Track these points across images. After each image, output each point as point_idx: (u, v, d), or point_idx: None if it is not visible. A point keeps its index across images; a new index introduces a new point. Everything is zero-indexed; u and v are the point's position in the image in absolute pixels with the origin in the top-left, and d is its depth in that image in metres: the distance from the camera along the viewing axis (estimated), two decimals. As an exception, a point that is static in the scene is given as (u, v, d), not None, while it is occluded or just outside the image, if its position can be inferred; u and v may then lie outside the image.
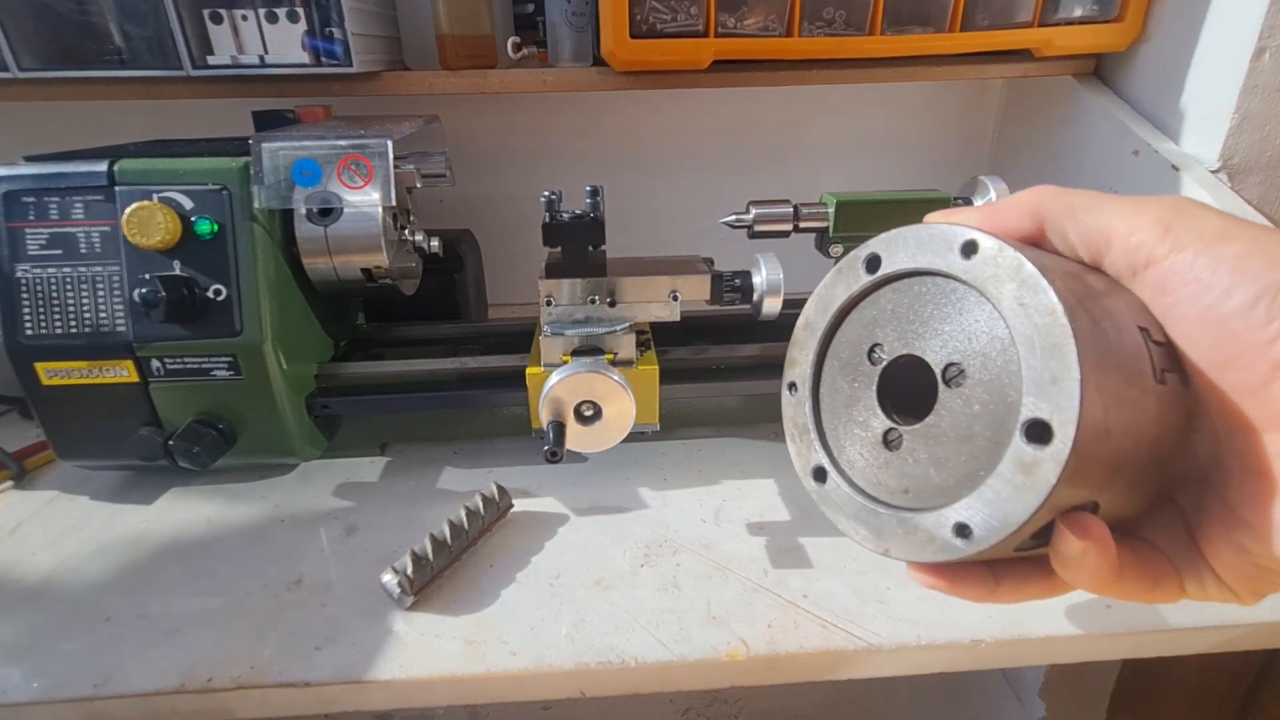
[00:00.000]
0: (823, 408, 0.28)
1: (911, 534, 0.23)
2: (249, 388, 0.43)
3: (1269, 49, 0.48)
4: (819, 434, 0.27)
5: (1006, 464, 0.21)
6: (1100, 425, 0.20)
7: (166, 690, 0.33)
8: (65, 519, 0.45)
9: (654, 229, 0.78)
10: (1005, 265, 0.21)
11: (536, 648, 0.34)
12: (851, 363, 0.27)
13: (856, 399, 0.26)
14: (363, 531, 0.43)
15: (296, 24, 0.52)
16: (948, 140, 0.77)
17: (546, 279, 0.45)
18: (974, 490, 0.21)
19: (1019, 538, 0.21)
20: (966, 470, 0.22)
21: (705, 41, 0.55)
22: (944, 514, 0.22)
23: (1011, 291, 0.21)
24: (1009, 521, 0.20)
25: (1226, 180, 0.51)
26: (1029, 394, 0.20)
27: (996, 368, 0.22)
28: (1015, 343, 0.21)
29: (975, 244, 0.22)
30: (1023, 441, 0.20)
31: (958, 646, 0.34)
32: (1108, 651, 0.36)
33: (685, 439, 0.52)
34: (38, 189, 0.41)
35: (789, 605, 0.37)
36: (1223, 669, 0.73)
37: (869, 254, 0.26)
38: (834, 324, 0.28)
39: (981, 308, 0.22)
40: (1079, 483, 0.20)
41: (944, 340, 0.23)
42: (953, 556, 0.22)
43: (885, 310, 0.26)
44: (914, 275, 0.25)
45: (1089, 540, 0.21)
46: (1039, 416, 0.20)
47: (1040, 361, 0.20)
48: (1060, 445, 0.19)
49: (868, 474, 0.25)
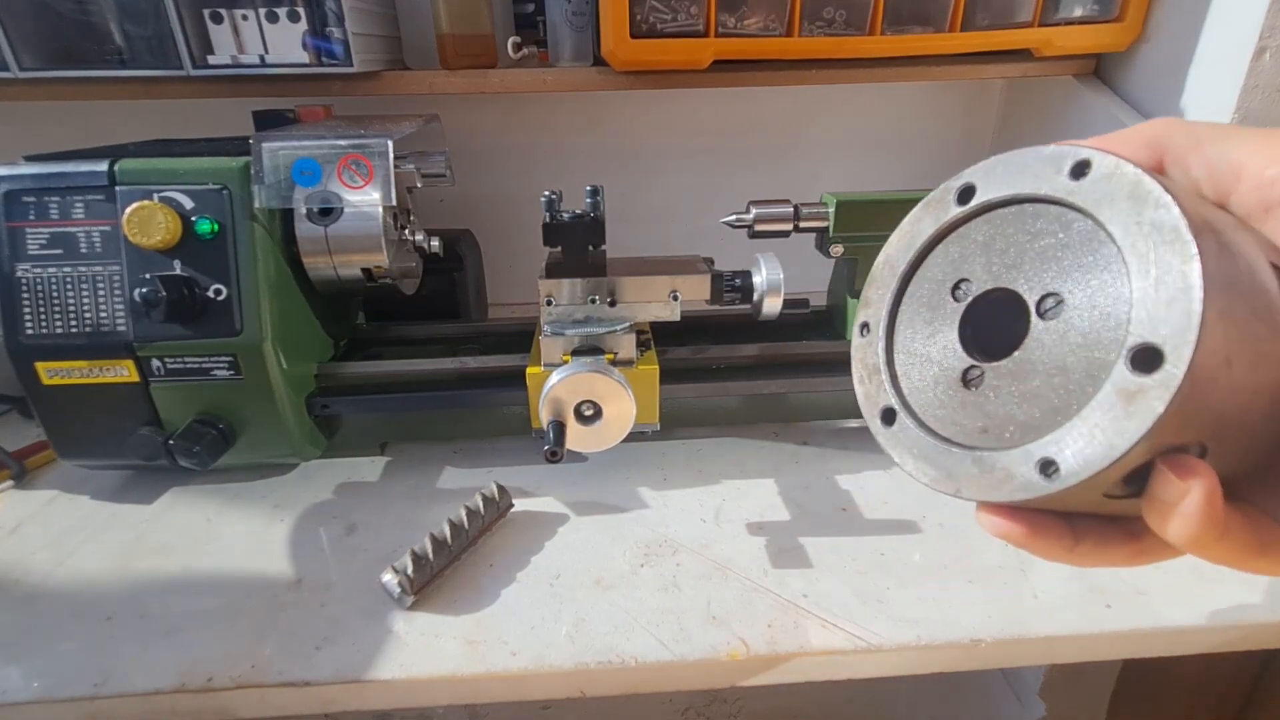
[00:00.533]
0: (896, 348, 0.26)
1: (988, 472, 0.21)
2: (249, 387, 0.43)
3: (1269, 49, 0.48)
4: (890, 375, 0.26)
5: (1105, 393, 0.19)
6: (1220, 354, 0.18)
7: (166, 690, 0.33)
8: (65, 518, 0.45)
9: (654, 229, 0.78)
10: (1123, 182, 0.19)
11: (536, 647, 0.34)
12: (933, 300, 0.25)
13: (934, 338, 0.25)
14: (363, 531, 0.43)
15: (297, 24, 0.52)
16: (948, 140, 0.77)
17: (546, 279, 0.45)
18: (1064, 424, 0.20)
19: (1110, 477, 0.19)
20: (1056, 405, 0.20)
21: (705, 41, 0.55)
22: (1028, 449, 0.20)
23: (1127, 209, 0.19)
24: (1104, 455, 0.18)
25: (1227, 180, 0.51)
26: (1138, 315, 0.18)
27: (1101, 296, 0.20)
28: (1127, 265, 0.19)
29: (1088, 162, 0.20)
30: (1127, 369, 0.18)
31: (958, 646, 0.34)
32: (1108, 651, 0.36)
33: (685, 439, 0.52)
34: (38, 189, 0.41)
35: (789, 605, 0.37)
36: (1223, 669, 0.73)
37: (963, 184, 0.25)
38: (916, 260, 0.26)
39: (1088, 232, 0.21)
40: (1188, 418, 0.18)
41: (1040, 271, 0.22)
42: (1033, 494, 0.20)
43: (976, 243, 0.24)
44: (1013, 203, 0.23)
45: (1192, 480, 0.18)
46: (1149, 341, 0.18)
47: (1156, 280, 0.18)
48: (1172, 370, 0.17)
49: (941, 415, 0.24)
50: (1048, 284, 0.21)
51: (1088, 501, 0.21)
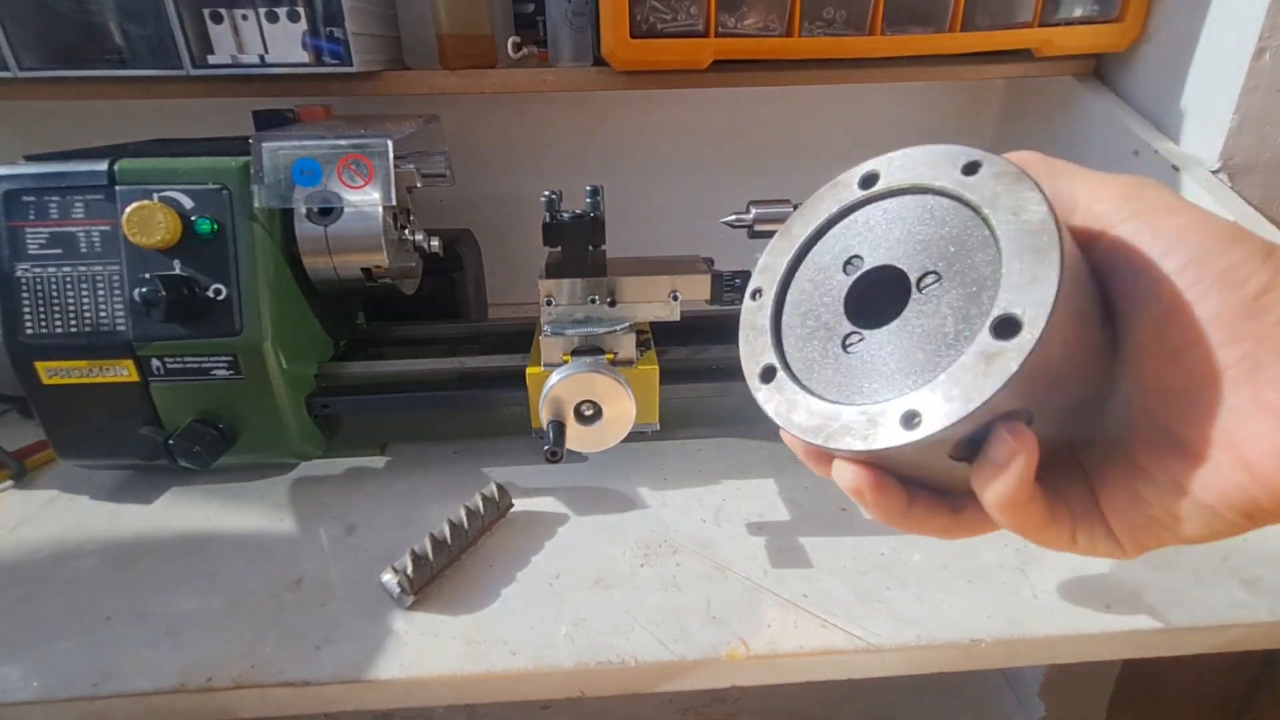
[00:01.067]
0: (785, 314, 0.28)
1: (857, 424, 0.23)
2: (249, 387, 0.43)
3: (1269, 49, 0.48)
4: (775, 337, 0.28)
5: (970, 354, 0.21)
6: (1060, 334, 0.21)
7: (166, 689, 0.33)
8: (65, 518, 0.45)
9: (654, 229, 0.78)
10: (1008, 181, 0.23)
11: (536, 647, 0.34)
12: (825, 272, 0.28)
13: (822, 307, 0.27)
14: (363, 531, 0.43)
15: (297, 23, 0.52)
16: (948, 140, 0.76)
17: (546, 279, 0.45)
18: (931, 381, 0.22)
19: (961, 430, 0.21)
20: (925, 366, 0.23)
21: (705, 41, 0.55)
22: (895, 403, 0.23)
23: (1007, 203, 0.22)
24: (961, 408, 0.21)
25: (1227, 180, 0.51)
26: (1005, 293, 0.21)
27: (974, 274, 0.23)
28: (1000, 250, 0.22)
29: (980, 162, 0.24)
30: (990, 335, 0.21)
31: (957, 646, 0.34)
32: (1107, 651, 0.36)
33: (685, 439, 0.52)
34: (38, 188, 0.41)
35: (789, 605, 0.37)
36: (1222, 669, 0.73)
37: (867, 171, 0.27)
38: (815, 236, 0.28)
39: (969, 221, 0.24)
40: (1031, 381, 0.21)
41: (923, 250, 0.25)
42: (895, 443, 0.22)
43: (871, 224, 0.27)
44: (910, 192, 0.26)
45: (1023, 444, 0.22)
46: (1011, 312, 0.21)
47: (1022, 263, 0.21)
48: (1028, 336, 0.20)
49: (820, 375, 0.26)
50: (927, 263, 0.24)
51: (934, 461, 0.23)
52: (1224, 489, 0.22)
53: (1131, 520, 0.24)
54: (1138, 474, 0.24)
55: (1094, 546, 0.25)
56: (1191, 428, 0.22)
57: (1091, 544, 0.25)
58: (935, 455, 0.23)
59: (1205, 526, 0.23)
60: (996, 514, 0.24)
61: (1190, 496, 0.22)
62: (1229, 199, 0.50)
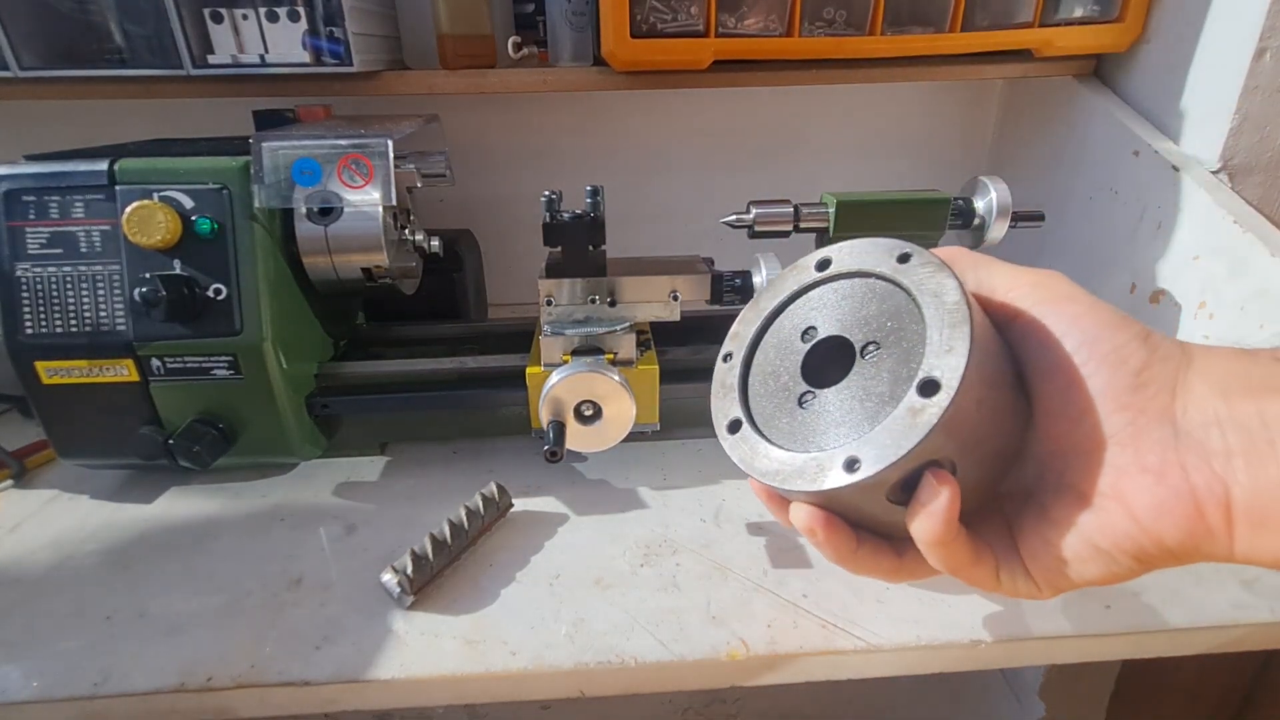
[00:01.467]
0: (751, 375, 0.32)
1: (809, 469, 0.27)
2: (249, 387, 0.43)
3: (1269, 49, 0.48)
4: (742, 394, 0.32)
5: (899, 411, 0.25)
6: (974, 394, 0.25)
7: (166, 689, 0.33)
8: (65, 518, 0.45)
9: (654, 229, 0.78)
10: (930, 268, 0.28)
11: (536, 647, 0.34)
12: (786, 340, 0.32)
13: (782, 369, 0.31)
14: (363, 531, 0.43)
15: (297, 23, 0.52)
16: (948, 140, 0.77)
17: (546, 279, 0.45)
18: (868, 434, 0.26)
19: (893, 476, 0.25)
20: (864, 421, 0.27)
21: (705, 41, 0.55)
22: (839, 451, 0.27)
23: (931, 287, 0.27)
24: (892, 453, 0.25)
25: (1227, 181, 0.51)
26: (928, 359, 0.26)
27: (906, 344, 0.27)
28: (925, 325, 0.27)
29: (909, 254, 0.29)
30: (915, 395, 0.25)
31: (957, 646, 0.34)
32: (1107, 652, 0.36)
33: (685, 439, 0.52)
34: (38, 188, 0.41)
35: (789, 605, 0.37)
36: (1222, 669, 0.73)
37: (822, 257, 0.32)
38: (778, 309, 0.33)
39: (902, 301, 0.28)
40: (950, 434, 0.25)
41: (866, 324, 0.29)
42: (839, 484, 0.26)
43: (825, 300, 0.32)
44: (856, 275, 0.31)
45: (946, 487, 0.25)
46: (932, 375, 0.25)
47: (941, 336, 0.26)
48: (944, 396, 0.25)
49: (779, 427, 0.30)
50: (869, 334, 0.29)
51: (874, 503, 0.27)
52: (1117, 537, 0.25)
53: (1044, 563, 0.27)
54: (1048, 521, 0.27)
55: (1015, 587, 0.28)
56: (1089, 483, 0.26)
57: (1013, 584, 0.28)
58: (875, 497, 0.27)
59: (1104, 570, 0.26)
60: (927, 551, 0.27)
61: (1089, 542, 0.26)
62: (1229, 199, 0.50)
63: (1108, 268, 0.59)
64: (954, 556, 0.27)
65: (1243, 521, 0.23)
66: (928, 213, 0.49)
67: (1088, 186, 0.61)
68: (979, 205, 0.50)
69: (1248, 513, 0.23)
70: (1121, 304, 0.57)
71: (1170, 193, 0.53)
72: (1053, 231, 0.64)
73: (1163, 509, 0.24)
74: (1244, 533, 0.23)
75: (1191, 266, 0.51)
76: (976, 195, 0.50)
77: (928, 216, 0.49)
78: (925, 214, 0.49)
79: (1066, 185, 0.64)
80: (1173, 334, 0.52)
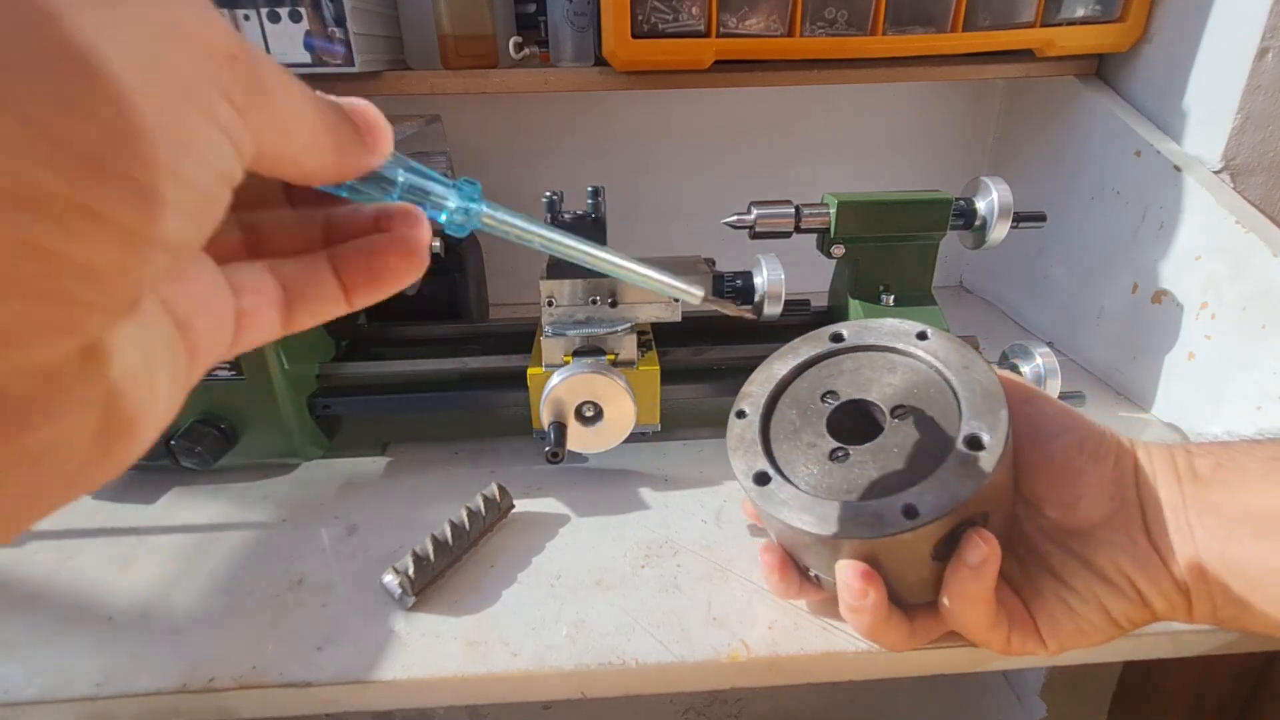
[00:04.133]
0: (772, 431, 0.34)
1: (858, 515, 0.29)
2: (251, 387, 0.43)
3: (1272, 49, 0.47)
4: (765, 447, 0.33)
5: (950, 462, 0.28)
6: (1009, 453, 0.28)
7: (168, 690, 0.33)
8: (66, 518, 0.45)
9: (654, 229, 0.78)
10: (951, 342, 0.32)
11: (537, 648, 0.34)
12: (805, 402, 0.34)
13: (805, 428, 0.33)
14: (364, 531, 0.43)
15: (298, 24, 0.52)
16: (949, 140, 0.77)
17: (548, 279, 0.45)
18: (921, 483, 0.28)
19: (950, 522, 0.27)
20: (910, 474, 0.29)
21: (707, 41, 0.55)
22: (893, 500, 0.28)
23: (958, 361, 0.32)
24: (950, 501, 0.27)
25: (1229, 181, 0.51)
26: (967, 419, 0.29)
27: (937, 408, 0.31)
28: (956, 391, 0.31)
29: (927, 333, 0.33)
30: (964, 448, 0.28)
31: (958, 648, 0.34)
32: (1109, 653, 0.36)
33: (686, 439, 0.52)
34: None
35: (789, 606, 0.36)
36: (1224, 671, 0.73)
37: (835, 331, 0.36)
38: (794, 374, 0.35)
39: (925, 372, 0.32)
40: (995, 487, 0.28)
41: (892, 390, 0.33)
42: (895, 530, 0.27)
43: (843, 368, 0.35)
44: (871, 349, 0.34)
45: (991, 547, 0.28)
46: (976, 432, 0.28)
47: (980, 401, 0.30)
48: (994, 448, 0.28)
49: (812, 479, 0.31)
50: (896, 398, 0.32)
51: (918, 556, 0.29)
52: (1127, 611, 0.29)
53: (1063, 628, 0.30)
54: (1068, 591, 0.30)
55: (1024, 647, 0.31)
56: (1103, 560, 0.29)
57: (1022, 644, 0.31)
58: (922, 550, 0.29)
59: (1109, 634, 0.30)
60: (964, 607, 0.29)
61: (1104, 612, 0.29)
62: (1231, 199, 0.50)
63: (1109, 268, 0.59)
64: (986, 616, 0.29)
65: (1192, 591, 0.28)
66: (929, 213, 0.49)
67: (1089, 187, 0.61)
68: (980, 206, 0.50)
69: (1192, 584, 0.28)
70: (1123, 304, 0.57)
71: (1172, 193, 0.52)
72: (1054, 232, 0.64)
73: (1154, 582, 0.28)
74: (1195, 601, 0.28)
75: (1193, 267, 0.51)
76: (978, 195, 0.50)
77: (929, 217, 0.49)
78: (927, 214, 0.49)
79: (1068, 185, 0.64)
80: (1175, 334, 0.52)
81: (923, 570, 0.30)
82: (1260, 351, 0.46)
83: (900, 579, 0.30)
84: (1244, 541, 0.27)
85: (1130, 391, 0.57)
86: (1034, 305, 0.70)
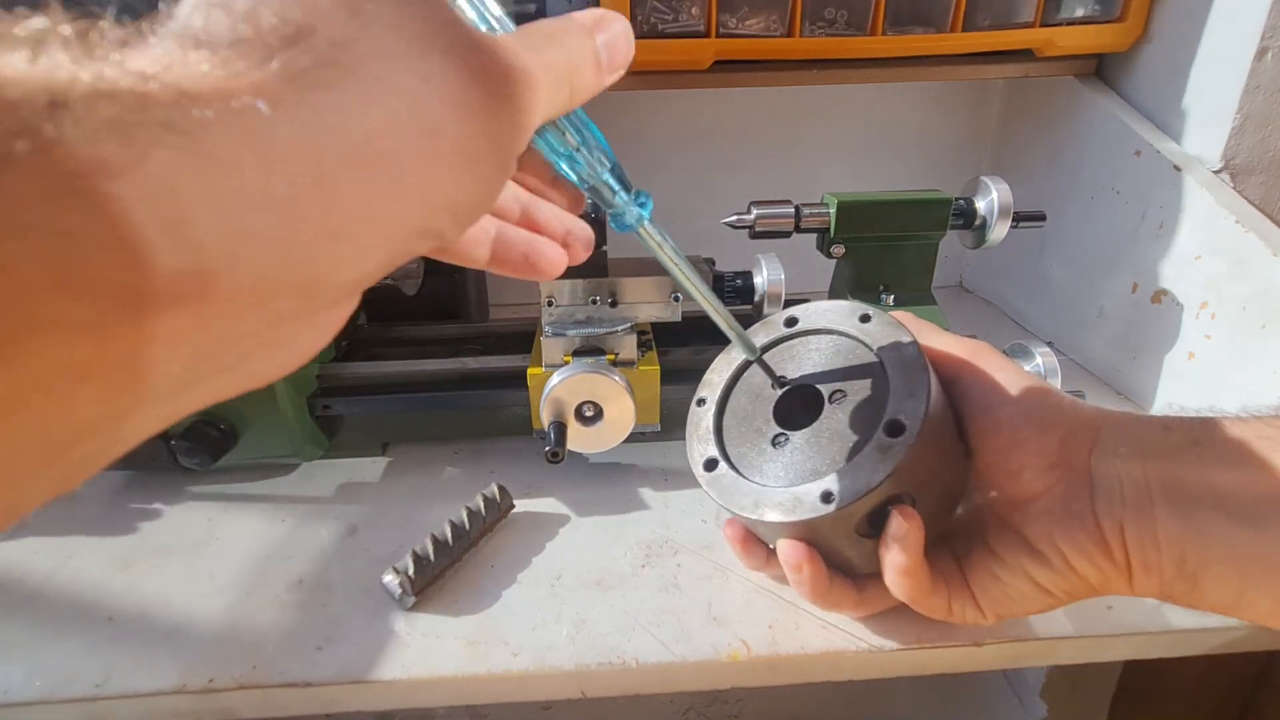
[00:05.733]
0: (725, 418, 0.35)
1: (784, 501, 0.30)
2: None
3: (1271, 49, 0.48)
4: (716, 435, 0.34)
5: (869, 449, 0.29)
6: (931, 435, 0.29)
7: (168, 690, 0.33)
8: (66, 518, 0.45)
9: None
10: (888, 326, 0.32)
11: (537, 648, 0.34)
12: (758, 387, 0.35)
13: (755, 414, 0.34)
14: (364, 531, 0.43)
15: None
16: (949, 140, 0.76)
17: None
18: (840, 468, 0.29)
19: (863, 508, 0.29)
20: (835, 459, 0.30)
21: (706, 42, 0.55)
22: (813, 486, 0.29)
23: (890, 339, 0.32)
24: (865, 486, 0.28)
25: (1229, 180, 0.51)
26: (892, 403, 0.29)
27: (870, 392, 0.31)
28: (887, 372, 0.31)
29: (869, 315, 0.33)
30: (883, 434, 0.29)
31: (959, 647, 0.34)
32: (1109, 653, 0.36)
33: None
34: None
35: (790, 606, 0.36)
36: (1224, 671, 0.73)
37: (789, 315, 0.36)
38: (750, 360, 0.35)
39: (863, 356, 0.33)
40: (913, 469, 0.28)
41: (833, 375, 0.33)
42: (815, 514, 0.29)
43: (793, 353, 0.35)
44: (822, 332, 0.35)
45: (912, 519, 0.29)
46: (898, 417, 0.29)
47: (903, 383, 0.30)
48: (910, 434, 0.28)
49: (754, 465, 0.33)
50: (835, 383, 0.33)
51: (845, 534, 0.30)
52: (1054, 578, 0.29)
53: (993, 596, 0.31)
54: (997, 560, 0.31)
55: (964, 615, 0.32)
56: (1031, 530, 0.29)
57: (962, 613, 0.32)
58: (845, 529, 0.30)
59: (1042, 603, 0.31)
60: (896, 579, 0.30)
61: (1031, 581, 0.30)
62: (1231, 199, 0.50)
63: (1109, 267, 0.59)
64: (918, 586, 0.30)
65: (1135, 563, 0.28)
66: (929, 213, 0.49)
67: (1089, 186, 0.61)
68: (980, 205, 0.50)
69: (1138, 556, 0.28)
70: (1123, 304, 0.57)
71: (1172, 192, 0.52)
72: (1054, 231, 0.64)
73: (1084, 552, 0.28)
74: (1137, 573, 0.28)
75: (1193, 266, 0.51)
76: (978, 195, 0.50)
77: (929, 217, 0.49)
78: (926, 214, 0.49)
79: (1068, 185, 0.64)
80: (1175, 333, 0.52)
81: (856, 547, 0.31)
82: (1260, 351, 0.46)
83: (836, 555, 0.32)
84: (1205, 520, 0.27)
85: (1130, 391, 0.57)
86: (1034, 305, 0.70)
